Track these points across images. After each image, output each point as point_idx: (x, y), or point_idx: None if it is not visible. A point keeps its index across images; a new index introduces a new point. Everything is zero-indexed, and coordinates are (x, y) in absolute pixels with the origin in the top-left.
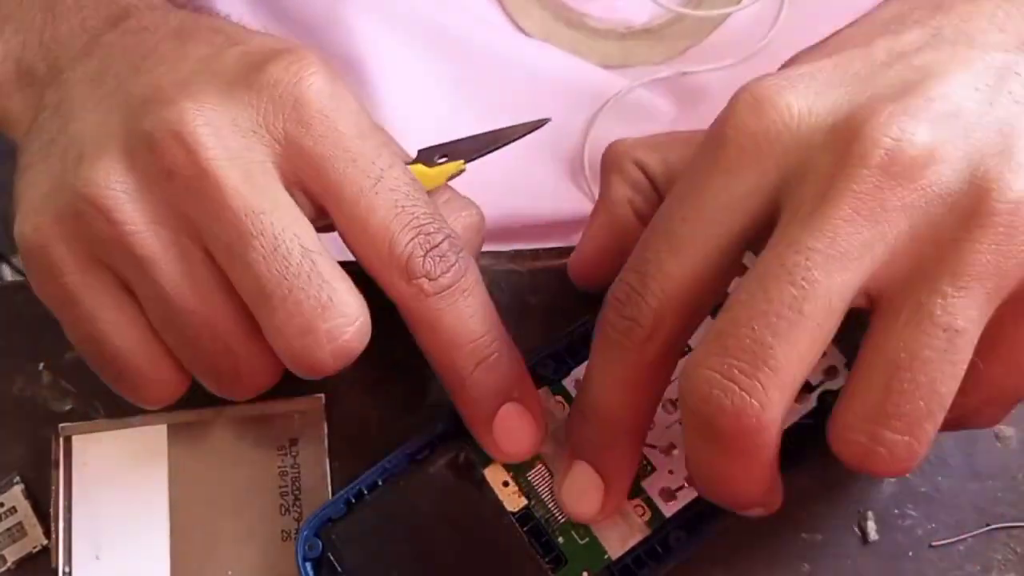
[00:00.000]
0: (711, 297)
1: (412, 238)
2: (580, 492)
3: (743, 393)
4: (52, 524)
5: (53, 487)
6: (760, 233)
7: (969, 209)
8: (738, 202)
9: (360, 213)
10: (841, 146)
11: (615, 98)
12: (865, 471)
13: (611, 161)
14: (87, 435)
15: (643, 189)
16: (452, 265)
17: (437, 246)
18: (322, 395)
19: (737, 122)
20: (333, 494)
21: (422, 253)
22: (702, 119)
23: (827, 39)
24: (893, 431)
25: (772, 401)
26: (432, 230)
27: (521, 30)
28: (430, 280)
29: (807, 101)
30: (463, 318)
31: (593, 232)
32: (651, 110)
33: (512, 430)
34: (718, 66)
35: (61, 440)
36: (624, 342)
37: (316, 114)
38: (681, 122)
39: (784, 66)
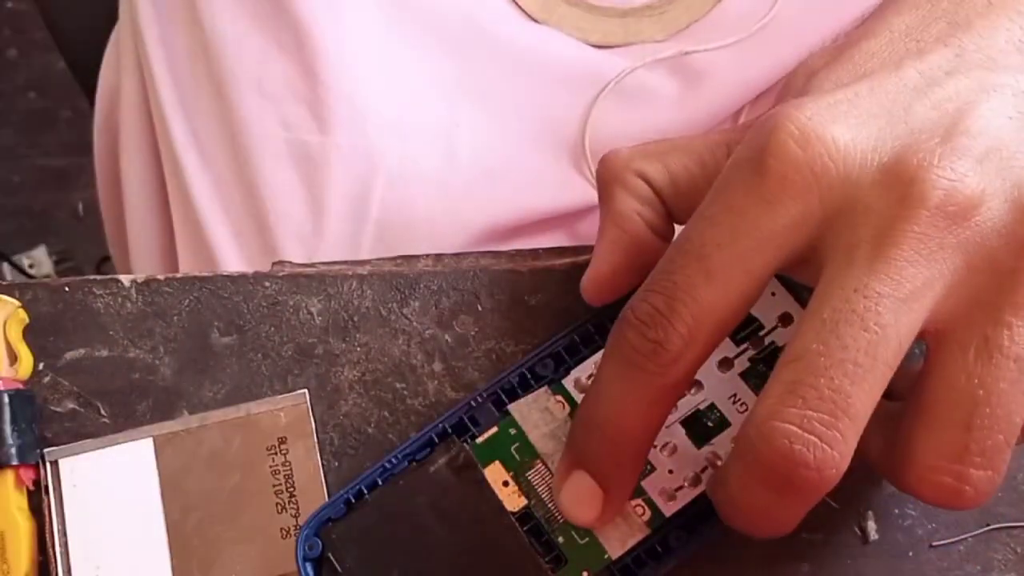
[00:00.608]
0: (735, 323)
1: None
2: (579, 499)
3: (825, 446)
4: (49, 550)
5: (46, 512)
6: (794, 264)
7: (1022, 238)
8: (779, 234)
9: None
10: (897, 188)
11: (615, 80)
12: (947, 508)
13: (611, 174)
14: (74, 457)
15: (650, 201)
16: None
17: None
18: (305, 391)
19: (781, 152)
20: (328, 490)
21: None
22: (703, 100)
23: (846, 48)
24: (977, 468)
25: (851, 449)
26: None
27: (522, 10)
28: None
29: (851, 134)
30: None
31: (605, 249)
32: (652, 92)
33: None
34: (720, 44)
35: (48, 465)
36: (647, 365)
37: None
38: (683, 104)
39: (799, 73)
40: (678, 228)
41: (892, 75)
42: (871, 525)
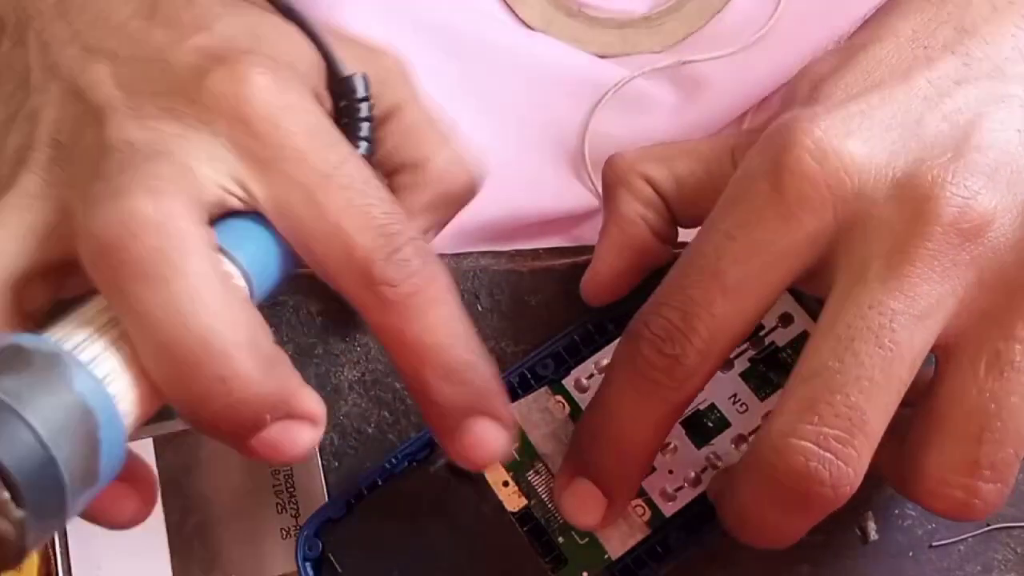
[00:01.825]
0: (747, 336)
1: (370, 240)
2: (582, 505)
3: (840, 463)
4: (49, 551)
5: None
6: (804, 277)
7: None
8: (795, 249)
9: (310, 215)
10: (911, 204)
11: (614, 89)
12: (955, 519)
13: (616, 176)
14: None
15: (655, 205)
16: (416, 271)
17: (399, 249)
18: None
19: (798, 167)
20: (328, 490)
21: (382, 256)
22: (702, 108)
23: (851, 53)
24: (987, 481)
25: (865, 465)
26: (393, 231)
27: (520, 20)
28: (392, 287)
29: (866, 148)
30: (429, 329)
31: (607, 251)
32: (651, 100)
33: (478, 443)
34: (718, 55)
35: None
36: (663, 380)
37: (259, 120)
38: (681, 112)
39: (804, 78)
40: (681, 231)
41: (902, 85)
42: (871, 525)
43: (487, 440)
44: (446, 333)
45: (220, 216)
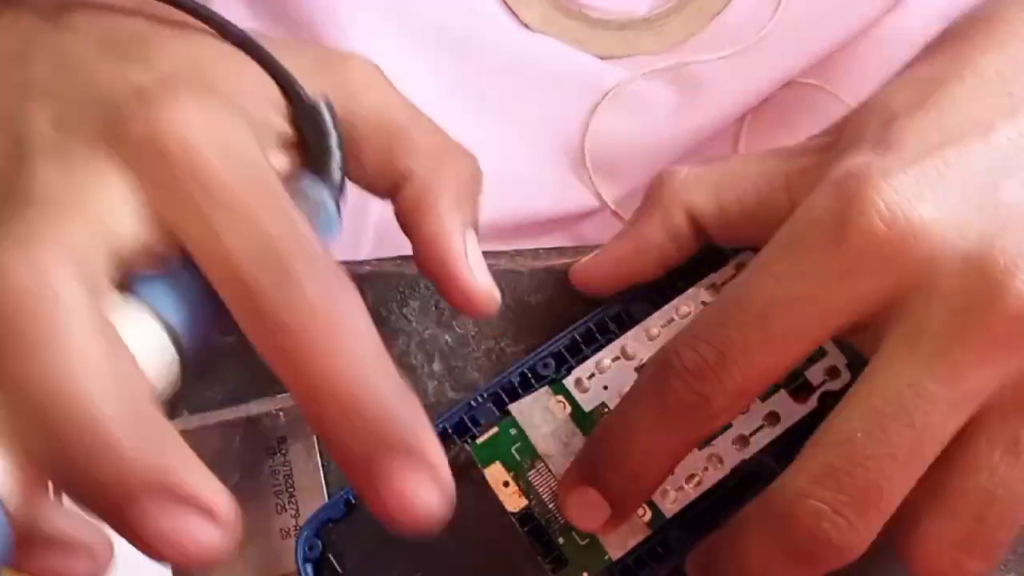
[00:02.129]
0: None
1: (261, 259)
2: (586, 511)
3: (852, 529)
4: None
5: None
6: (851, 330)
7: None
8: (848, 305)
9: (211, 244)
10: (977, 287)
11: (615, 90)
12: None
13: (660, 197)
14: None
15: (680, 239)
16: (309, 292)
17: (292, 269)
18: None
19: (865, 226)
20: (328, 490)
21: (274, 278)
22: (702, 110)
23: (929, 91)
24: (977, 559)
25: (874, 534)
26: (289, 248)
27: (521, 22)
28: (287, 310)
29: (937, 212)
30: (327, 354)
31: (611, 255)
32: (651, 101)
33: (401, 498)
34: (719, 56)
35: None
36: (689, 416)
37: (176, 155)
38: (682, 112)
39: (873, 110)
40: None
41: (980, 142)
42: None
43: (411, 493)
44: (348, 360)
45: (152, 266)
